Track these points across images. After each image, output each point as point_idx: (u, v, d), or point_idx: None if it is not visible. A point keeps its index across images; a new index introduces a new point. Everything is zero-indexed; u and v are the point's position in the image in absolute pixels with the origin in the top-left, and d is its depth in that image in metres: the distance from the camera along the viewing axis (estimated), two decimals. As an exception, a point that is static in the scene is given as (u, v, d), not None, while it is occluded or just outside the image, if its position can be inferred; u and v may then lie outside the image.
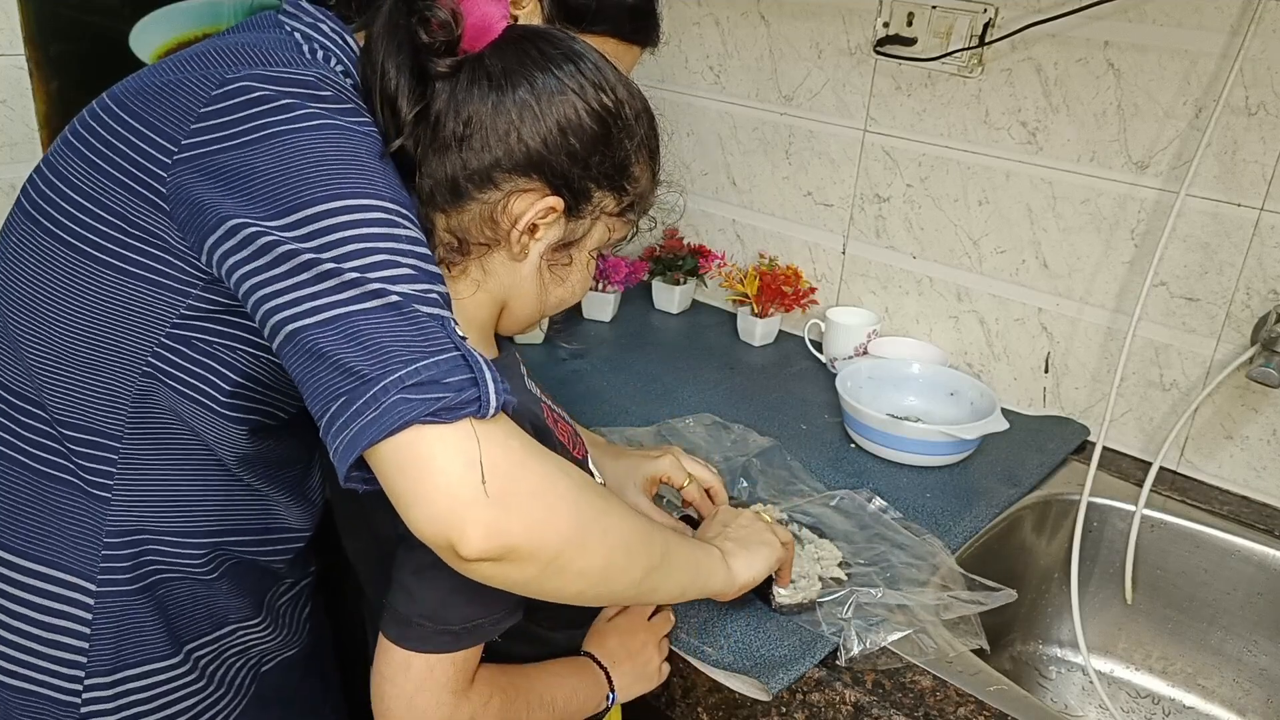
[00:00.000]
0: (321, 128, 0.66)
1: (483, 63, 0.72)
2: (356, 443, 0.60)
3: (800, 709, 0.88)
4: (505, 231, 0.74)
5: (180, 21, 1.65)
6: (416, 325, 0.62)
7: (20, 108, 1.53)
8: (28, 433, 0.75)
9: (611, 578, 0.72)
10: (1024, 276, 1.38)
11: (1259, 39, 1.12)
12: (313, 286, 0.62)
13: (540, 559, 0.65)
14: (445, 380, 0.60)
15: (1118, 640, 1.27)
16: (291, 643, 0.91)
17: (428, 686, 0.72)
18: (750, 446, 1.24)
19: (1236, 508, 1.23)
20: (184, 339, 0.71)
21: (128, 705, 0.78)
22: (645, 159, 0.78)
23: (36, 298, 0.72)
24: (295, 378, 0.63)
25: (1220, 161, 1.19)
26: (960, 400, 1.35)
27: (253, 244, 0.63)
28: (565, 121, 0.72)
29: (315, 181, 0.64)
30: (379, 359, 0.60)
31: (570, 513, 0.67)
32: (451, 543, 0.61)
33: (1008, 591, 0.99)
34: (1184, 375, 1.27)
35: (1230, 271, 1.21)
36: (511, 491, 0.63)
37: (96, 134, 0.71)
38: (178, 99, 0.68)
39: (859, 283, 1.57)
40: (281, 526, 0.84)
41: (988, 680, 0.90)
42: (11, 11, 1.48)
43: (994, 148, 1.36)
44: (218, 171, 0.65)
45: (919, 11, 1.37)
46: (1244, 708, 1.20)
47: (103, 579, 0.76)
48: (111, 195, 0.69)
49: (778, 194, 1.63)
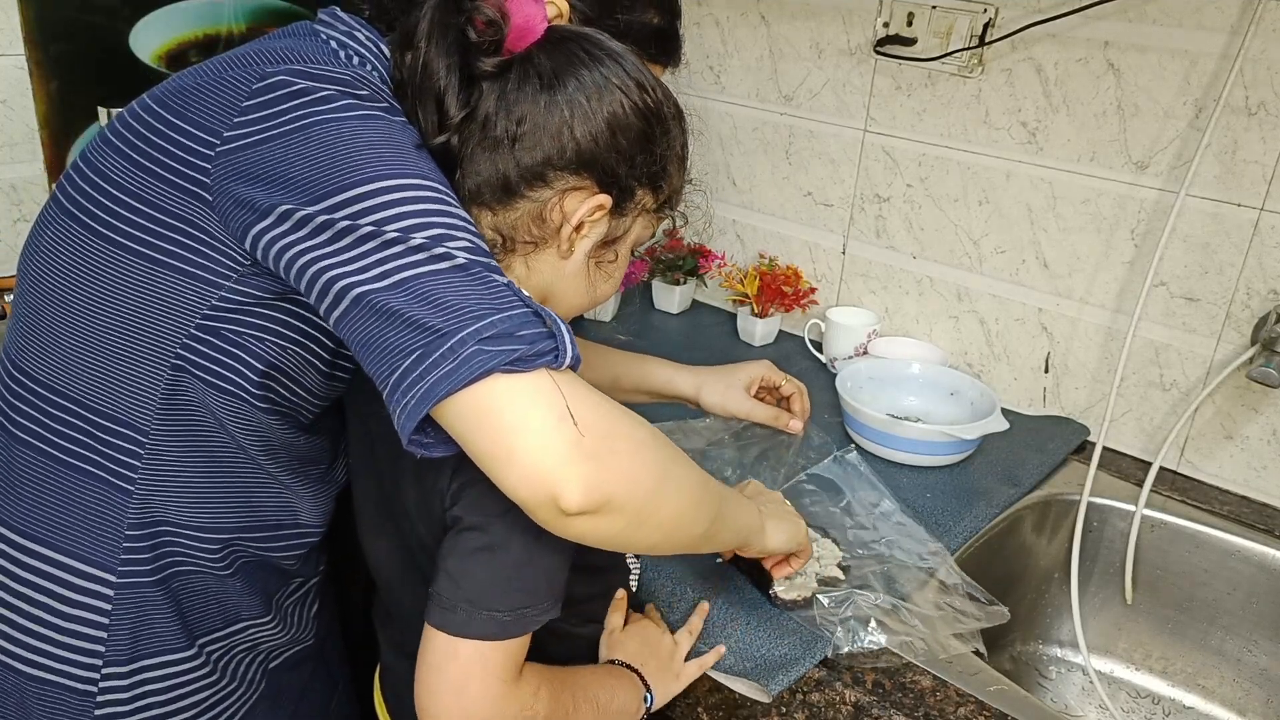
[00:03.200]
0: (363, 118, 0.67)
1: (531, 62, 0.73)
2: (433, 394, 0.60)
3: (800, 709, 0.88)
4: (554, 229, 0.75)
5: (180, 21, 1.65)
6: (485, 284, 0.63)
7: (20, 108, 1.53)
8: (56, 424, 0.75)
9: (683, 527, 0.74)
10: (1024, 276, 1.38)
11: (1259, 39, 1.12)
12: (379, 253, 0.63)
13: (630, 510, 0.66)
14: (519, 333, 0.61)
15: (1118, 640, 1.27)
16: (300, 640, 0.92)
17: (478, 674, 0.71)
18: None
19: (1236, 508, 1.23)
20: (213, 329, 0.72)
21: (143, 695, 0.79)
22: (678, 158, 0.80)
23: (71, 290, 0.73)
24: (359, 341, 0.63)
25: (1220, 161, 1.19)
26: (960, 400, 1.35)
27: (306, 225, 0.64)
28: (614, 119, 0.73)
29: (361, 164, 0.65)
30: (453, 314, 0.61)
31: (653, 462, 0.69)
32: (554, 497, 0.62)
33: (1001, 610, 0.98)
34: (1184, 375, 1.27)
35: (1230, 271, 1.21)
36: (602, 443, 0.64)
37: (136, 132, 0.72)
38: (219, 95, 0.70)
39: (859, 283, 1.57)
40: (296, 523, 0.85)
41: (988, 680, 0.90)
42: (11, 11, 1.48)
43: (994, 148, 1.36)
44: (262, 161, 0.66)
45: (919, 11, 1.37)
46: (1244, 708, 1.20)
47: (123, 570, 0.77)
48: (151, 189, 0.70)
49: (778, 194, 1.63)
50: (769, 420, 1.14)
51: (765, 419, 1.14)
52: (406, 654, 0.89)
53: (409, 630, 0.87)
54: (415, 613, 0.85)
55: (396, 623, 0.89)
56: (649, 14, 0.94)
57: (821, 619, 0.94)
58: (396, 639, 0.91)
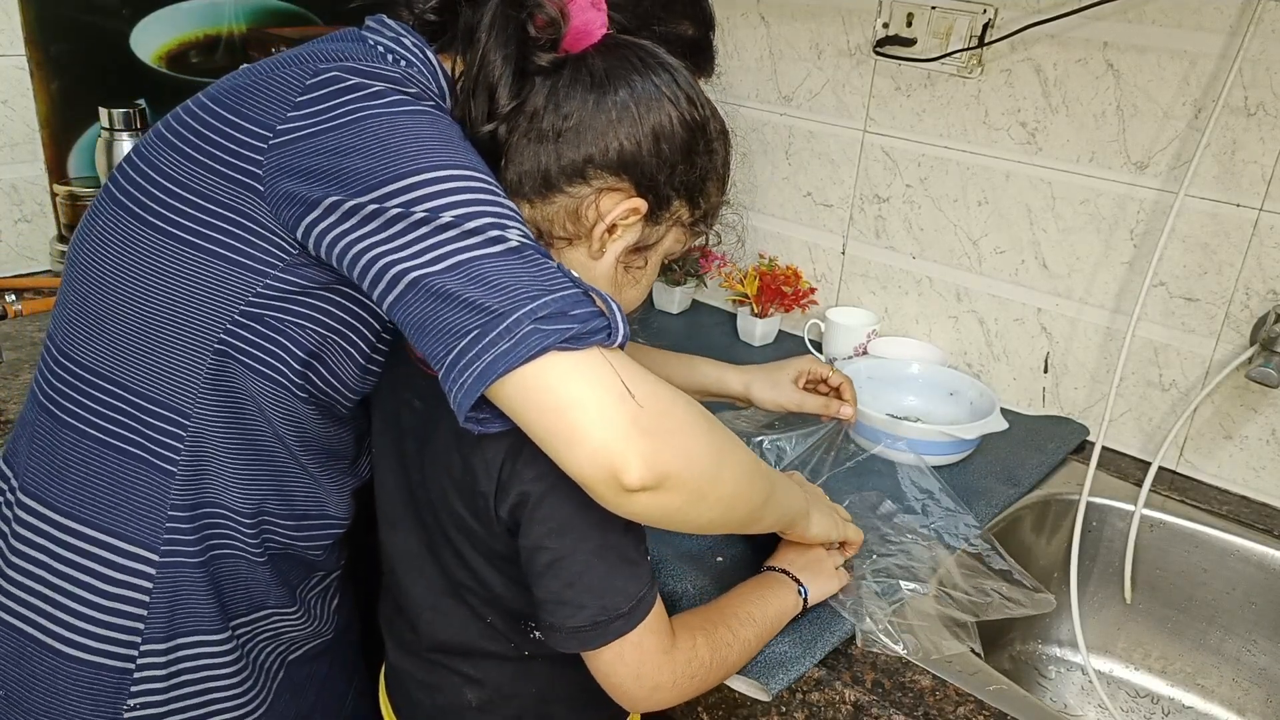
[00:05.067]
0: (412, 112, 0.69)
1: (586, 62, 0.75)
2: (490, 372, 0.62)
3: (800, 709, 0.89)
4: (588, 228, 0.76)
5: (180, 22, 1.66)
6: (538, 266, 0.65)
7: (20, 108, 1.53)
8: (101, 407, 0.77)
9: (737, 505, 0.76)
10: (1023, 277, 1.38)
11: (1258, 39, 1.12)
12: (433, 238, 0.64)
13: (689, 486, 0.68)
14: (573, 312, 0.63)
15: (1117, 640, 1.27)
16: (320, 633, 0.94)
17: (644, 659, 0.76)
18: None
19: (1236, 507, 1.24)
20: (257, 316, 0.74)
21: (178, 674, 0.80)
22: (719, 176, 0.82)
23: (119, 277, 0.75)
24: (415, 323, 0.65)
25: (1219, 162, 1.19)
26: (960, 400, 1.35)
27: (356, 214, 0.66)
28: (660, 128, 0.75)
29: (413, 155, 0.66)
30: (508, 295, 0.62)
31: (707, 440, 0.70)
32: (616, 474, 0.63)
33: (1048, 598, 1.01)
34: (1183, 375, 1.27)
35: (1229, 272, 1.21)
36: (660, 420, 0.65)
37: (189, 127, 0.74)
38: (272, 91, 0.71)
39: (859, 283, 1.57)
40: (323, 514, 0.87)
41: (987, 680, 0.90)
42: (12, 12, 1.48)
43: (993, 148, 1.36)
44: (314, 152, 0.68)
45: (918, 12, 1.37)
46: (1243, 707, 1.20)
47: (165, 549, 0.78)
48: (203, 181, 0.72)
49: (777, 194, 1.63)
50: (821, 409, 1.16)
51: (817, 409, 1.16)
52: (410, 651, 0.90)
53: (416, 623, 0.88)
54: (424, 605, 0.86)
55: (405, 616, 0.90)
56: (683, 25, 0.96)
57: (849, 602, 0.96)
58: (403, 635, 0.91)
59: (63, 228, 1.59)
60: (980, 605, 0.99)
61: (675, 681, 0.78)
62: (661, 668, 0.77)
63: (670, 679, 0.77)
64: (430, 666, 0.89)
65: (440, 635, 0.87)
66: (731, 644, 0.83)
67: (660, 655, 0.76)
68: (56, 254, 1.57)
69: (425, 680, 0.90)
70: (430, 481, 0.81)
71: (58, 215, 1.59)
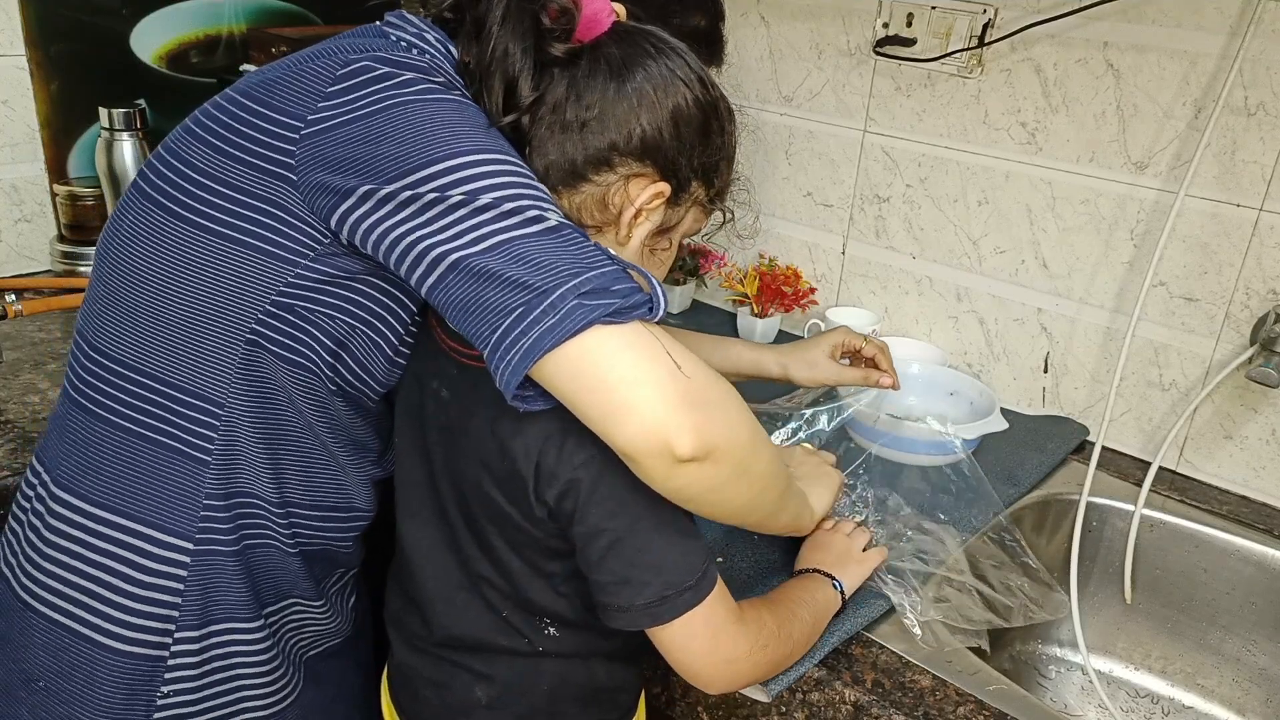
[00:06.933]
0: (441, 101, 0.70)
1: (602, 51, 0.76)
2: (537, 349, 0.62)
3: (800, 709, 0.89)
4: (615, 214, 0.78)
5: (180, 22, 1.66)
6: (577, 244, 0.66)
7: (20, 108, 1.53)
8: (134, 400, 0.78)
9: (770, 487, 0.78)
10: (1023, 277, 1.38)
11: (1258, 39, 1.12)
12: (471, 219, 0.65)
13: (732, 459, 0.69)
14: (614, 287, 0.64)
15: (1117, 640, 1.27)
16: (340, 630, 0.95)
17: (715, 630, 0.76)
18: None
19: (1236, 507, 1.24)
20: (288, 306, 0.74)
21: (210, 661, 0.81)
22: (729, 154, 0.83)
23: (150, 269, 0.76)
24: (457, 304, 0.65)
25: (1219, 162, 1.19)
26: (960, 400, 1.35)
27: (391, 201, 0.66)
28: (678, 111, 0.76)
29: (446, 140, 0.67)
30: (550, 272, 0.63)
31: (745, 415, 0.71)
32: (668, 444, 0.64)
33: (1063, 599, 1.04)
34: (1183, 375, 1.27)
35: (1229, 272, 1.21)
36: (703, 392, 0.66)
37: (220, 121, 0.75)
38: (303, 83, 0.72)
39: (858, 283, 1.57)
40: (351, 505, 0.88)
41: (987, 680, 0.90)
42: (12, 12, 1.48)
43: (993, 148, 1.36)
44: (346, 141, 0.68)
45: (919, 12, 1.38)
46: (1243, 707, 1.20)
47: (200, 538, 0.79)
48: (234, 173, 0.73)
49: (778, 194, 1.63)
50: (861, 381, 1.17)
51: (857, 380, 1.17)
52: (419, 648, 0.90)
53: (427, 615, 0.88)
54: (438, 596, 0.87)
55: (416, 608, 0.90)
56: (695, 17, 0.98)
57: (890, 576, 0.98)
58: (412, 631, 0.91)
59: (63, 228, 1.59)
60: (1005, 610, 1.00)
61: (750, 652, 0.78)
62: (736, 638, 0.77)
63: (746, 649, 0.78)
64: (439, 663, 0.88)
65: (453, 629, 0.86)
66: (793, 621, 0.84)
67: (733, 625, 0.77)
68: (57, 254, 1.57)
69: (433, 677, 0.89)
70: (459, 471, 0.81)
71: (58, 215, 1.59)
